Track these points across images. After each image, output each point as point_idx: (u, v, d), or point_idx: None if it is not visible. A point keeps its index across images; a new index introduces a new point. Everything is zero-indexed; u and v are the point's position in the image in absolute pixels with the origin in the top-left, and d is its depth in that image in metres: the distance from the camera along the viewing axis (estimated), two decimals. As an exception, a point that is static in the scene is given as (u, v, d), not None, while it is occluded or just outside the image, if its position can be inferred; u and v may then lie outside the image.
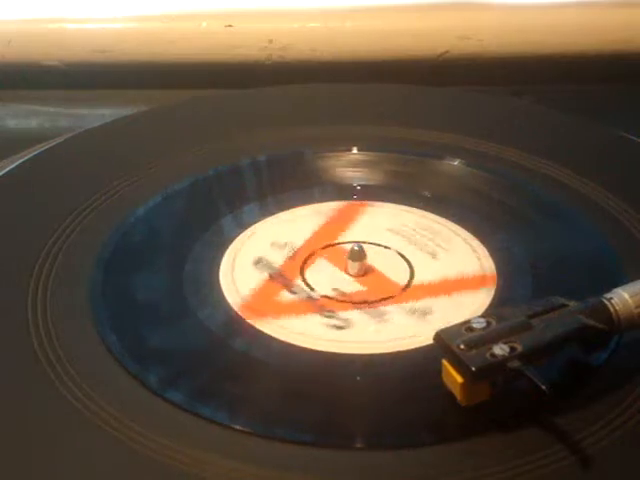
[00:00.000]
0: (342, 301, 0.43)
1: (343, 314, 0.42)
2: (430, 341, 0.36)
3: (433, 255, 0.46)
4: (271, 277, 0.44)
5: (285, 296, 0.43)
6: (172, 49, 0.72)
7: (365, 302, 0.43)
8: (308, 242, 0.47)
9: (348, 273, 0.45)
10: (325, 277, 0.45)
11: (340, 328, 0.41)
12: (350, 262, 0.45)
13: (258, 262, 0.45)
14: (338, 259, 0.46)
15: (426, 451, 0.34)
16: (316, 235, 0.47)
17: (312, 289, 0.44)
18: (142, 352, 0.39)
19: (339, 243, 0.47)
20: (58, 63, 0.73)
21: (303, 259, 0.46)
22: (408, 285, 0.44)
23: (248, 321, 0.41)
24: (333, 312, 0.42)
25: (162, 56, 0.72)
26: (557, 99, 0.70)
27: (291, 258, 0.46)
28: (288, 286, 0.44)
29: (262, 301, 0.43)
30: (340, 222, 0.49)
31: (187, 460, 0.33)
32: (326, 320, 0.42)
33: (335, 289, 0.44)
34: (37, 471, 0.33)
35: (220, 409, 0.36)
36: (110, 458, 0.34)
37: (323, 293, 0.44)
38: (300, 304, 0.43)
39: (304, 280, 0.44)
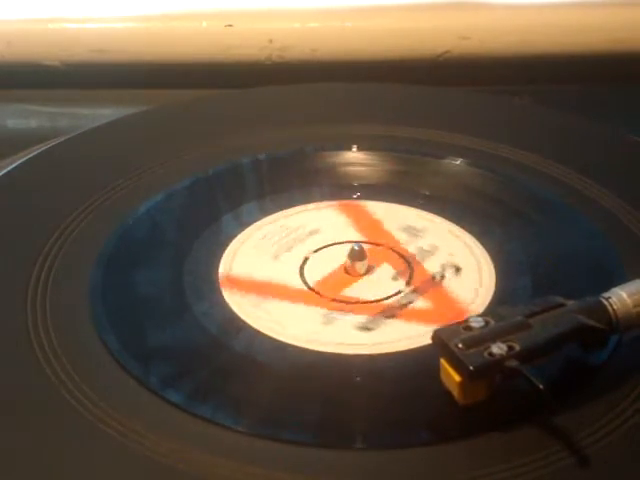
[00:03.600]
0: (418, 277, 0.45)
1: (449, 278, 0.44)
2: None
3: (315, 232, 0.48)
4: (386, 315, 0.42)
5: (419, 305, 0.43)
6: (172, 49, 0.73)
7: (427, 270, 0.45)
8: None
9: (361, 274, 0.44)
10: (372, 286, 0.44)
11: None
12: (357, 263, 0.44)
13: (365, 328, 0.42)
14: (332, 282, 0.44)
15: (424, 451, 0.34)
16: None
17: (400, 292, 0.44)
18: (142, 352, 0.39)
19: (294, 287, 0.44)
20: (58, 63, 0.73)
21: (332, 308, 0.43)
22: (392, 248, 0.47)
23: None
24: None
25: (162, 56, 0.72)
26: (557, 99, 0.70)
27: (339, 309, 0.43)
28: (403, 305, 0.43)
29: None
30: (242, 285, 0.44)
31: (186, 460, 0.33)
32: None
33: (394, 277, 0.45)
34: (37, 471, 0.33)
35: (220, 409, 0.36)
36: (109, 458, 0.34)
37: (407, 290, 0.44)
38: (435, 311, 0.43)
39: (381, 300, 0.43)
